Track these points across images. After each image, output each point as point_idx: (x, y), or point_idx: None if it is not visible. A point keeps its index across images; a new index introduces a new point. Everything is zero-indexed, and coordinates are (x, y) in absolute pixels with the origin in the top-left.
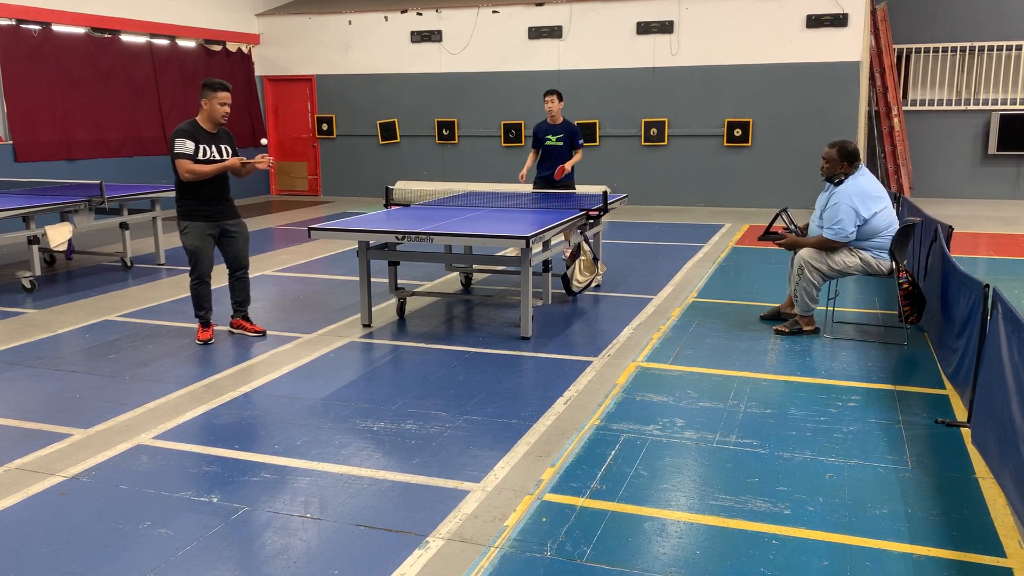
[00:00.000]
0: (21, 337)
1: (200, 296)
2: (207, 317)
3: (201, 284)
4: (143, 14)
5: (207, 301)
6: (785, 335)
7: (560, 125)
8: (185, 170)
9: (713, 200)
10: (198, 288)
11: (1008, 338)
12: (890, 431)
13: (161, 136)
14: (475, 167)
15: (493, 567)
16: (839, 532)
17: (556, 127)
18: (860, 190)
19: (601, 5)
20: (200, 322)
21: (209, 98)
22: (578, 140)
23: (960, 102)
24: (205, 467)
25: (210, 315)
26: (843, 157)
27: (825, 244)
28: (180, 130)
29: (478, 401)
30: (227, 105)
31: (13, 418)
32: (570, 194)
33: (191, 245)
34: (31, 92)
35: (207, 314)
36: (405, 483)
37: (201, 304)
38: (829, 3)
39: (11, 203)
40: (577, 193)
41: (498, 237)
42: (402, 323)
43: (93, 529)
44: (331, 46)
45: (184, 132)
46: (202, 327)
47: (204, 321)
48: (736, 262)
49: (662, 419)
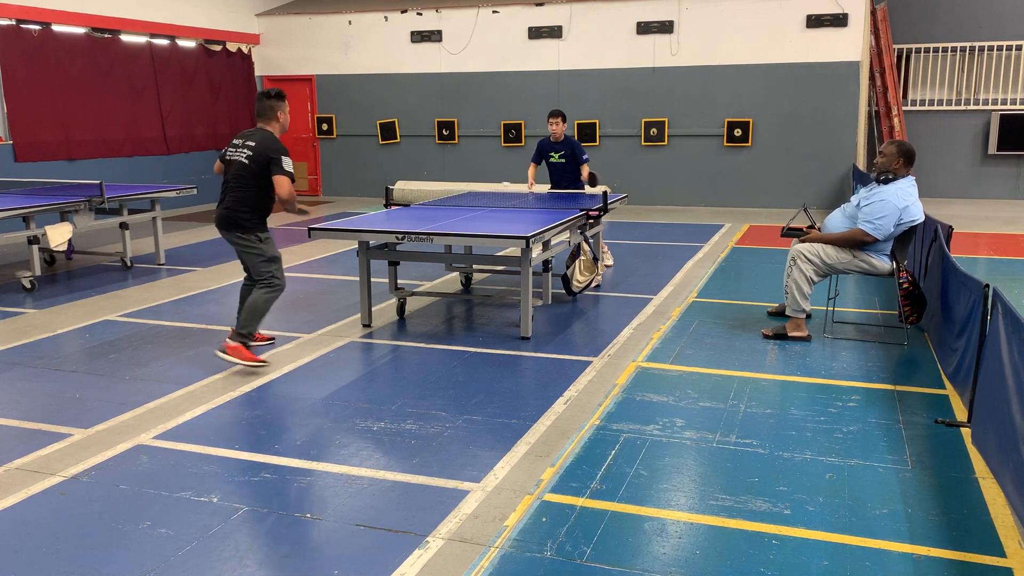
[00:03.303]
0: (21, 337)
1: (269, 308)
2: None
3: (281, 292)
4: (143, 14)
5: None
6: (770, 338)
7: (562, 143)
8: (292, 191)
9: (713, 200)
10: (277, 297)
11: (1008, 338)
12: (890, 431)
13: (161, 136)
14: (475, 167)
15: (493, 567)
16: (839, 532)
17: (558, 145)
18: (908, 195)
19: (601, 5)
20: (248, 340)
21: (284, 109)
22: (581, 157)
23: (960, 102)
24: (205, 467)
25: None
26: (901, 154)
27: (858, 237)
28: (283, 147)
29: (478, 401)
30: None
31: (13, 418)
32: (571, 194)
33: (275, 252)
34: (31, 92)
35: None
36: (405, 483)
37: (260, 321)
38: (829, 3)
39: (11, 203)
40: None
41: (498, 237)
42: (402, 323)
43: (93, 529)
44: (331, 46)
45: (286, 150)
46: (249, 348)
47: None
48: (736, 262)
49: (662, 419)
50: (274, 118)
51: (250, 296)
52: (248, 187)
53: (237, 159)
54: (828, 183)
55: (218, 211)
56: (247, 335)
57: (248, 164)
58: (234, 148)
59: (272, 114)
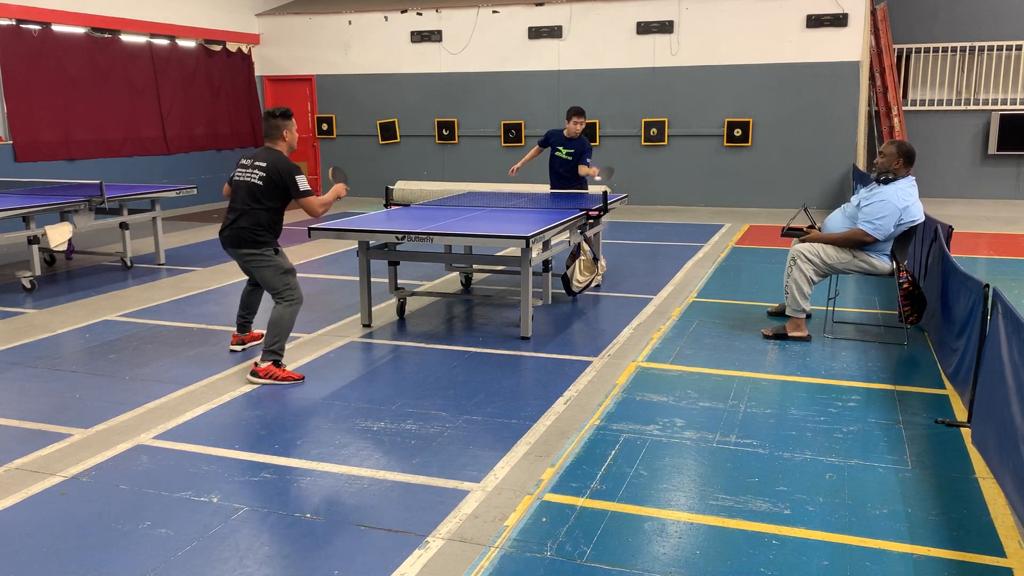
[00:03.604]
0: (21, 337)
1: (293, 325)
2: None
3: (300, 304)
4: (143, 14)
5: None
6: (770, 338)
7: (575, 140)
8: (320, 204)
9: (713, 200)
10: (298, 310)
11: (1008, 338)
12: (890, 431)
13: (161, 136)
14: (475, 167)
15: (493, 567)
16: (839, 532)
17: (571, 141)
18: (908, 196)
19: (601, 5)
20: (279, 357)
21: (291, 128)
22: (586, 159)
23: (960, 102)
24: (205, 467)
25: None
26: (901, 154)
27: (858, 237)
28: (295, 166)
29: (478, 401)
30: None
31: (13, 418)
32: (573, 194)
33: (290, 264)
34: (31, 92)
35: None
36: (405, 483)
37: (287, 335)
38: (829, 3)
39: (11, 203)
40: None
41: (498, 237)
42: (402, 323)
43: (93, 529)
44: (331, 46)
45: (298, 168)
46: (279, 366)
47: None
48: (736, 262)
49: (662, 419)
50: (280, 137)
51: (271, 315)
52: (261, 207)
53: (248, 180)
54: (828, 183)
55: (226, 232)
56: (276, 351)
57: (261, 185)
58: (243, 169)
59: (278, 133)
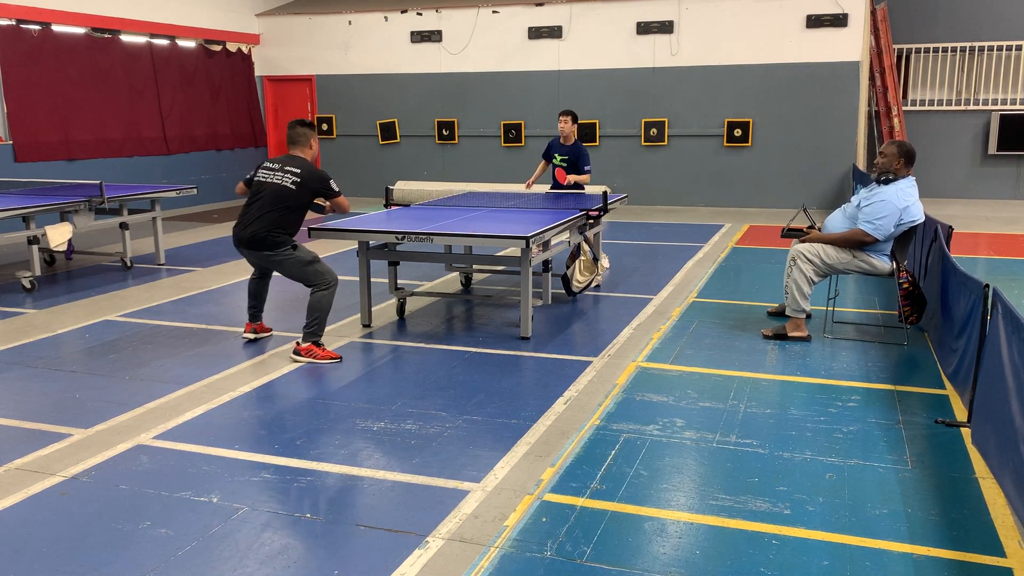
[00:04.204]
0: (21, 337)
1: (331, 306)
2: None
3: (336, 285)
4: (143, 14)
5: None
6: (769, 339)
7: (569, 147)
8: (347, 202)
9: (713, 200)
10: (334, 292)
11: (1008, 338)
12: (890, 431)
13: (161, 136)
14: (475, 167)
15: (493, 567)
16: (839, 532)
17: (565, 148)
18: (908, 196)
19: (601, 5)
20: (318, 338)
21: (315, 137)
22: (583, 166)
23: (960, 102)
24: (205, 467)
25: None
26: (902, 154)
27: (858, 238)
28: (325, 172)
29: (478, 401)
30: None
31: (13, 418)
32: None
33: (311, 255)
34: (31, 92)
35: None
36: (405, 483)
37: (326, 316)
38: (829, 3)
39: (11, 203)
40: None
41: (498, 237)
42: (402, 323)
43: (93, 529)
44: (331, 46)
45: (327, 173)
46: (320, 346)
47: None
48: (736, 262)
49: (662, 419)
50: (307, 145)
51: (310, 299)
52: (287, 210)
53: (276, 182)
54: (828, 183)
55: (243, 231)
56: (315, 332)
57: (294, 189)
58: (269, 171)
59: (306, 141)
